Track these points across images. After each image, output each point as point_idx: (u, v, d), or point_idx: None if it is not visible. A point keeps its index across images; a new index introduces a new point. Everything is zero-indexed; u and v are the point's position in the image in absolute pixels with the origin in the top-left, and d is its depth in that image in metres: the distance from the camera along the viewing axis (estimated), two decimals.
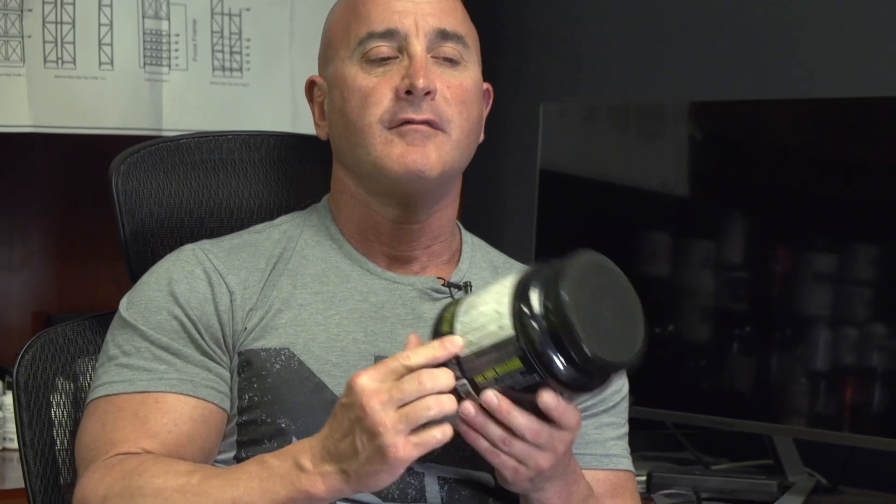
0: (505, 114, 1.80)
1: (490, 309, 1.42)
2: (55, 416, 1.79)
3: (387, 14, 1.67)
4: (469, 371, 1.42)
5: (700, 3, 2.92)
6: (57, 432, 1.79)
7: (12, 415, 1.82)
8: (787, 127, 2.48)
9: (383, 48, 1.66)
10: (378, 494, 1.58)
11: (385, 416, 1.41)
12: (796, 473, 2.51)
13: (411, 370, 1.42)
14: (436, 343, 1.43)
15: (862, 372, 2.36)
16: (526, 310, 1.38)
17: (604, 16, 3.10)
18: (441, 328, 1.46)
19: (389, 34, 1.66)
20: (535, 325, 1.38)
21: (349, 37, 1.69)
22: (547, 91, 3.14)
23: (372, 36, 1.67)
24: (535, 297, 1.39)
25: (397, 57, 1.66)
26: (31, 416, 1.78)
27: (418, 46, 1.66)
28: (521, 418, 1.44)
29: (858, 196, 2.40)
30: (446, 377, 1.42)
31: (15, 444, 2.45)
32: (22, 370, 1.78)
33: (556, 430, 1.46)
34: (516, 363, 1.39)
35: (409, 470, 1.54)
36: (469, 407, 1.44)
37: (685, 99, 2.68)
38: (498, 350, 1.40)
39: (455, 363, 1.42)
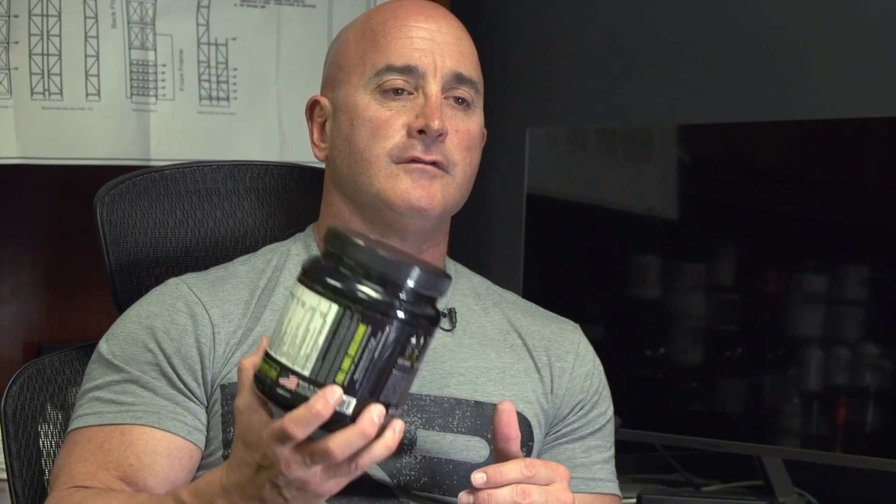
0: (491, 139, 1.80)
1: (293, 322, 1.31)
2: (43, 446, 1.80)
3: (407, 50, 1.68)
4: (326, 379, 1.30)
5: (687, 26, 2.92)
6: (45, 462, 1.79)
7: (1, 445, 1.83)
8: (775, 149, 2.48)
9: (399, 81, 1.67)
10: None
11: (307, 474, 1.34)
12: (786, 494, 2.51)
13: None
14: (314, 404, 1.29)
15: (854, 392, 2.35)
16: (331, 281, 1.30)
17: (590, 40, 3.10)
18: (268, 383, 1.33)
19: (408, 70, 1.67)
20: (347, 282, 1.30)
21: (364, 65, 1.69)
22: (533, 116, 3.15)
23: (390, 69, 1.68)
24: (325, 267, 1.32)
25: (412, 93, 1.67)
26: (20, 447, 1.79)
27: (435, 87, 1.67)
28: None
29: (848, 216, 2.40)
30: (360, 437, 1.31)
31: (3, 475, 2.45)
32: (10, 401, 1.79)
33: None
34: (361, 330, 1.29)
35: None
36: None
37: (673, 122, 2.68)
38: (337, 335, 1.30)
39: (307, 384, 1.30)
